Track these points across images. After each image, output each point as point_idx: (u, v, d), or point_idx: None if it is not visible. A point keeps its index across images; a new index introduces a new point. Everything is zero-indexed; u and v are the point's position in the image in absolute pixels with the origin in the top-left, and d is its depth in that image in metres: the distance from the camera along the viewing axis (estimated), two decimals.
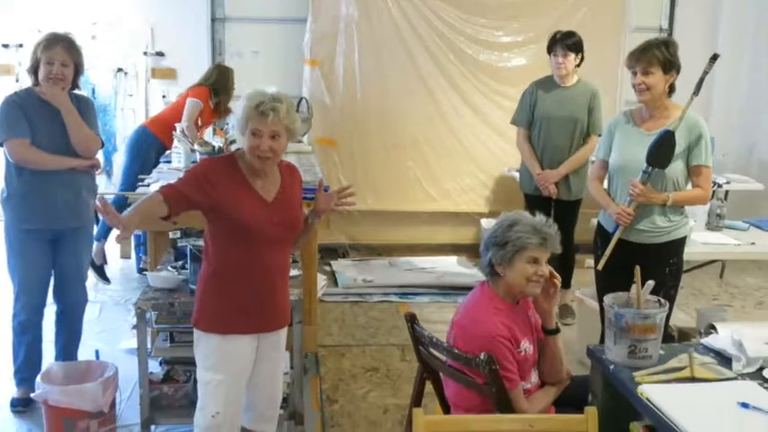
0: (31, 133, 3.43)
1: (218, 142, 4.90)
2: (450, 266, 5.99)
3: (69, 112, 3.46)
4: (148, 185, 4.28)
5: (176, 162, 4.78)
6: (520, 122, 4.93)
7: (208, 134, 5.45)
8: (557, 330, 2.65)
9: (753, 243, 4.10)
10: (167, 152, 5.19)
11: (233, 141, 4.95)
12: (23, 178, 3.48)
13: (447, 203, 6.46)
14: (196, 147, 4.71)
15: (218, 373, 2.60)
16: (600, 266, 3.46)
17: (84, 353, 3.79)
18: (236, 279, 2.59)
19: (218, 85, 5.39)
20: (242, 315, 2.60)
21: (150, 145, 5.32)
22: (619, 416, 2.40)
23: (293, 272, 3.30)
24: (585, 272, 3.81)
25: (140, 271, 5.36)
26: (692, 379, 2.28)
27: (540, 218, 2.59)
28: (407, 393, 2.93)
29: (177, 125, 4.97)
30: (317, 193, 2.80)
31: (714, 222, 4.29)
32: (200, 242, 2.96)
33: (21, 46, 6.10)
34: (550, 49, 4.75)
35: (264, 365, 2.72)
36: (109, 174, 6.53)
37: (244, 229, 2.54)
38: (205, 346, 2.62)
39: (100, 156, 3.80)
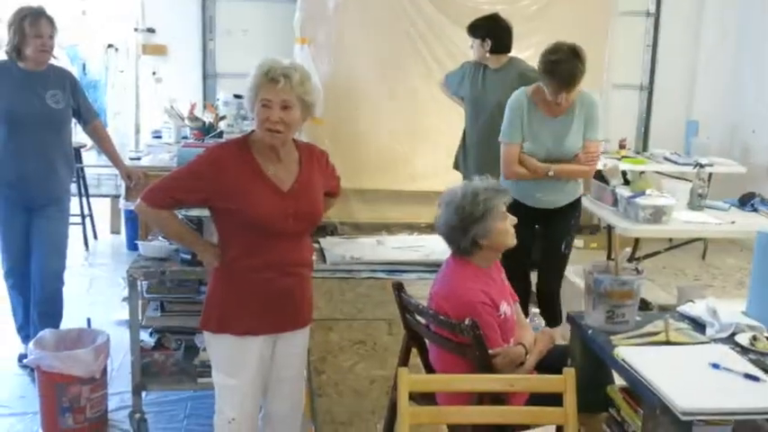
0: (7, 101, 3.46)
1: (208, 117, 4.93)
2: (438, 244, 6.02)
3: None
4: (139, 159, 4.32)
5: (167, 137, 4.82)
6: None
7: (198, 109, 5.47)
8: None
9: (733, 222, 4.18)
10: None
11: (223, 117, 4.98)
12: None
13: (436, 182, 6.48)
14: (186, 122, 4.75)
15: (233, 378, 2.43)
16: None
17: (76, 322, 3.83)
18: (250, 277, 2.38)
19: None
20: (257, 315, 2.40)
21: None
22: (597, 380, 2.50)
23: None
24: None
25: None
26: (667, 343, 2.36)
27: (481, 179, 2.66)
28: (394, 366, 2.96)
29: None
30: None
31: (696, 202, 4.38)
32: (192, 212, 2.96)
33: None
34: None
35: (282, 369, 2.53)
36: (99, 151, 6.54)
37: (254, 224, 2.32)
38: (217, 349, 2.46)
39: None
